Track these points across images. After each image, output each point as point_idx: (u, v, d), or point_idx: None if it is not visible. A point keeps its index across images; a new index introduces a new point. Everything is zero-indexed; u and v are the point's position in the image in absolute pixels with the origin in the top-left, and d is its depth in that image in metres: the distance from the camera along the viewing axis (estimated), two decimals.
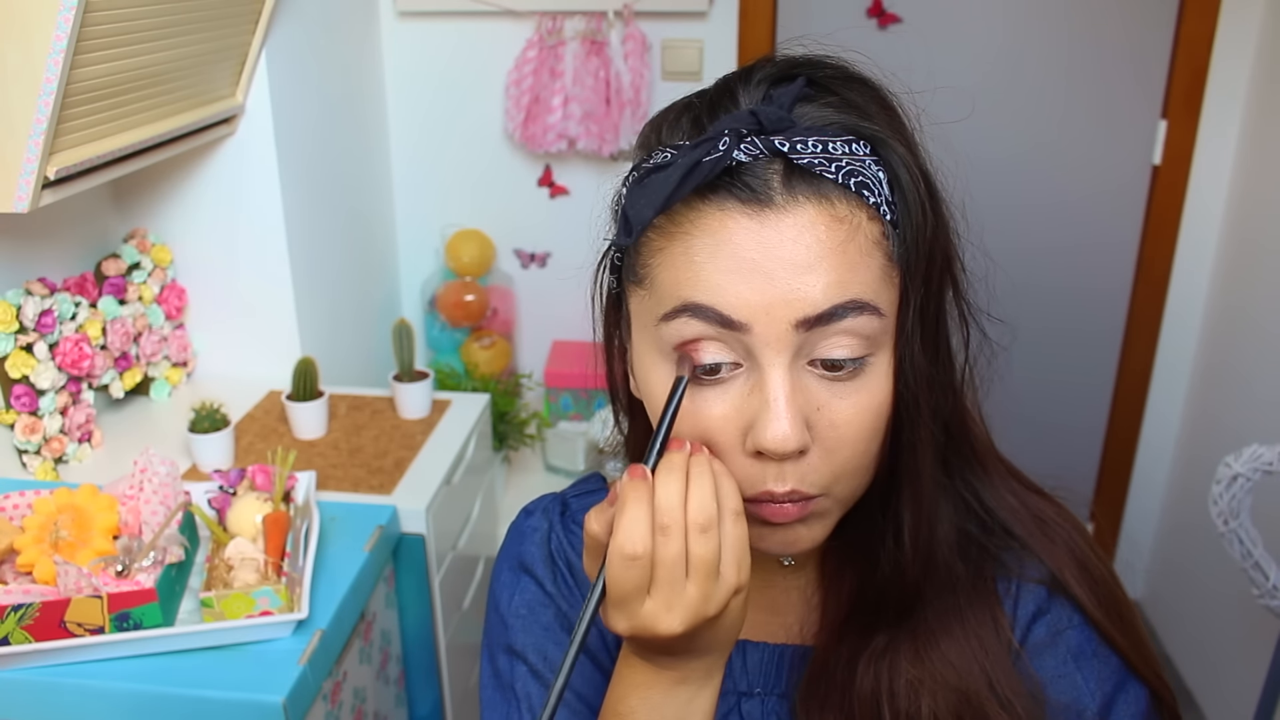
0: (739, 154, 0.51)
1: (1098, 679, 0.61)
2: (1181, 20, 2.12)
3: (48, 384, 1.52)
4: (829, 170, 0.51)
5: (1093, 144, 2.26)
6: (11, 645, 1.08)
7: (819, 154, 0.51)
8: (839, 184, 0.51)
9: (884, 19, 2.25)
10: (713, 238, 0.51)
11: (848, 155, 0.51)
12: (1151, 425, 2.42)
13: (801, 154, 0.50)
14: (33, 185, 1.24)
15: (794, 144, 0.51)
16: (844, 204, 0.51)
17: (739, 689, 0.65)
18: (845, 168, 0.51)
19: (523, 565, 0.71)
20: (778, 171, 0.51)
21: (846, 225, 0.51)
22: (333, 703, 1.25)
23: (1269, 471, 1.42)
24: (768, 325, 0.50)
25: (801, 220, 0.50)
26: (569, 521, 0.72)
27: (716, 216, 0.51)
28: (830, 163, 0.51)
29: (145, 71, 1.43)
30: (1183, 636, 2.30)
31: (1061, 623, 0.61)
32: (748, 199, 0.50)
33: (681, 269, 0.52)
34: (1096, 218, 2.31)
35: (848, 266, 0.50)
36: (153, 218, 1.85)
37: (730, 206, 0.51)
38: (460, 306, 2.36)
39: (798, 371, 0.51)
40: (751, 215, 0.50)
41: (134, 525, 1.23)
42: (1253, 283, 2.06)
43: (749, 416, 0.51)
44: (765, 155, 0.51)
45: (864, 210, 0.51)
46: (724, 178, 0.51)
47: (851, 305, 0.50)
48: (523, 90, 2.25)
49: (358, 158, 2.25)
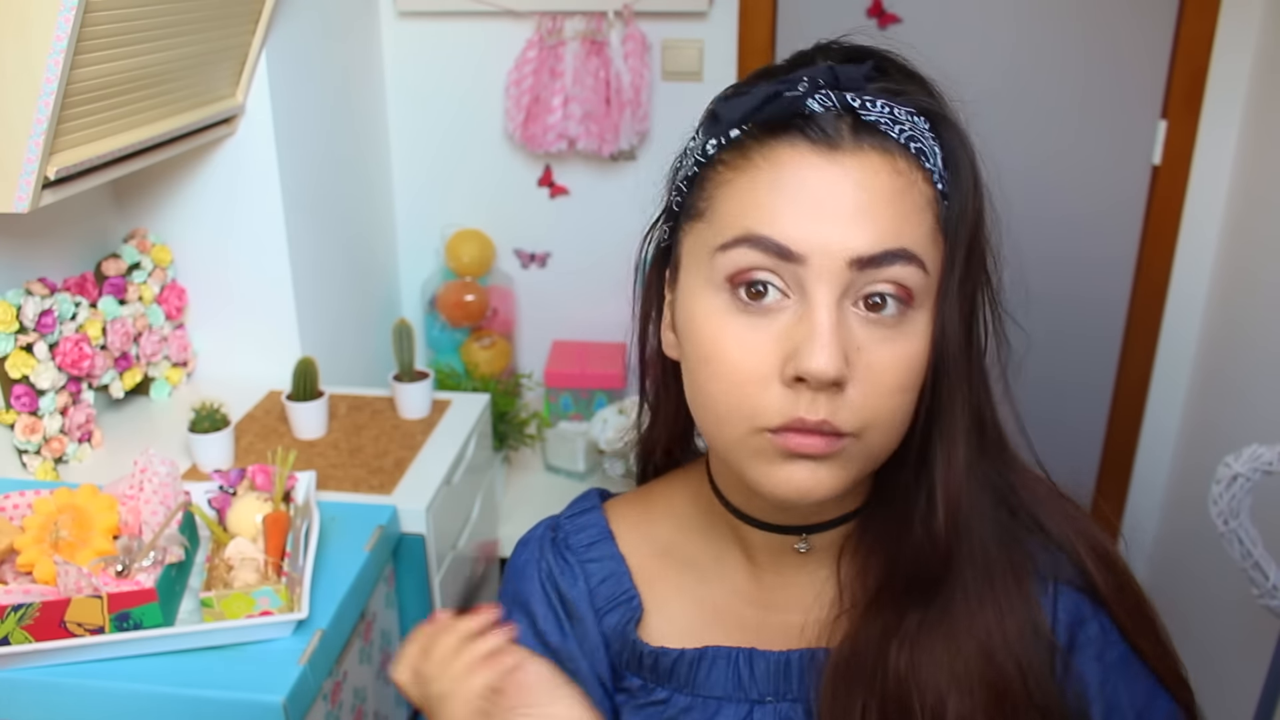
0: (813, 102, 0.54)
1: (1129, 694, 0.62)
2: (1181, 20, 2.12)
3: (48, 384, 1.52)
4: (892, 130, 0.54)
5: (1092, 144, 2.26)
6: (11, 645, 1.08)
7: (885, 115, 0.54)
8: (900, 144, 0.54)
9: (884, 19, 2.25)
10: (779, 172, 0.54)
11: (910, 124, 0.55)
12: (1151, 426, 2.42)
13: (870, 111, 0.54)
14: (33, 185, 1.24)
15: (864, 102, 0.54)
16: (904, 160, 0.54)
17: (750, 697, 0.65)
18: (908, 132, 0.55)
19: (518, 602, 0.72)
20: (847, 123, 0.54)
21: (905, 179, 0.54)
22: (333, 703, 1.25)
23: (1269, 471, 1.42)
24: (823, 259, 0.52)
25: (866, 165, 0.53)
26: (560, 547, 0.72)
27: (786, 153, 0.54)
28: (894, 124, 0.54)
29: (145, 71, 1.43)
30: (1183, 636, 2.30)
31: (1099, 633, 0.62)
32: (817, 139, 0.54)
33: (746, 200, 0.55)
34: (1096, 218, 2.31)
35: (903, 216, 0.53)
36: (153, 218, 1.85)
37: (800, 145, 0.54)
38: (460, 306, 2.36)
39: (844, 309, 0.53)
40: (819, 154, 0.53)
41: (134, 525, 1.23)
42: (1253, 283, 2.06)
43: (791, 346, 0.53)
44: (836, 108, 0.54)
45: (920, 172, 0.55)
46: (796, 119, 0.54)
47: (901, 253, 0.53)
48: (523, 90, 2.25)
49: (358, 158, 2.25)
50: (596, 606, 0.69)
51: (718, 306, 0.55)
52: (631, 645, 0.67)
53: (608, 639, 0.69)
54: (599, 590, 0.69)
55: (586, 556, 0.70)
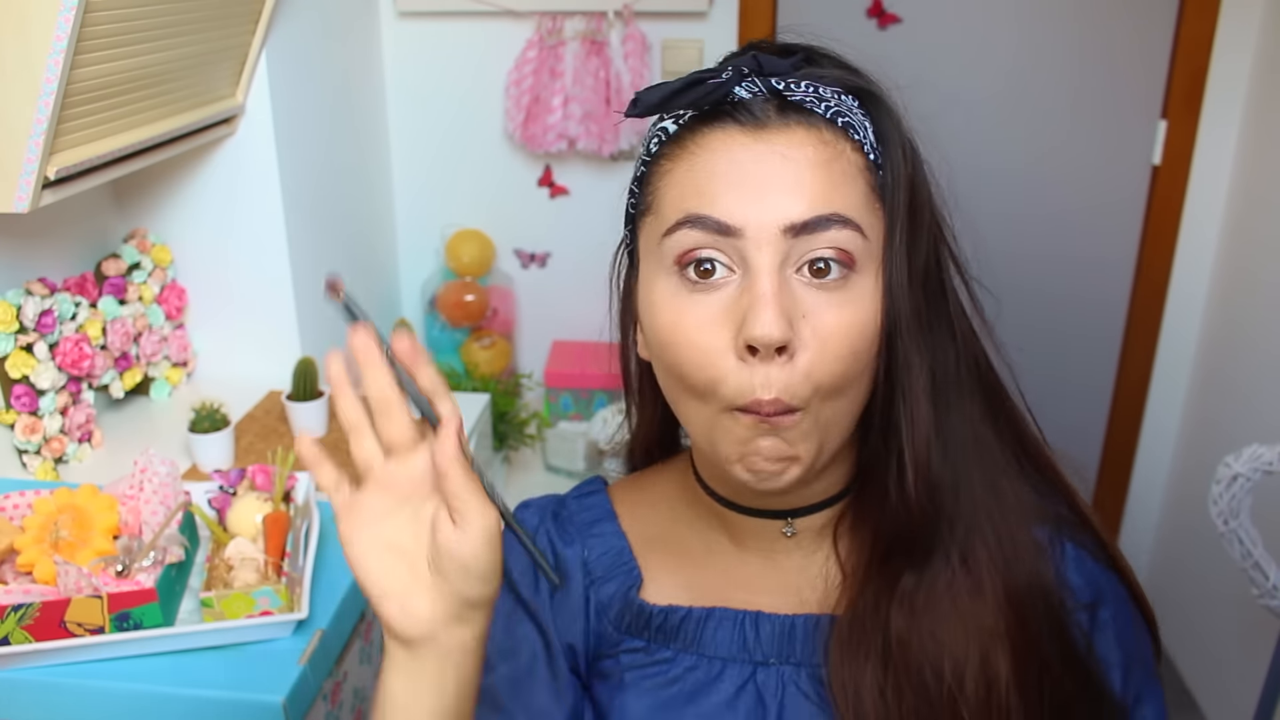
0: (741, 89, 0.58)
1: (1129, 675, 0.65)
2: (1181, 20, 2.12)
3: (48, 384, 1.52)
4: (818, 107, 0.58)
5: (1092, 144, 2.26)
6: (11, 645, 1.08)
7: (810, 94, 0.58)
8: (826, 119, 0.58)
9: (884, 19, 2.25)
10: (713, 155, 0.58)
11: (836, 100, 0.58)
12: (1151, 426, 2.42)
13: (794, 92, 0.58)
14: (33, 185, 1.24)
15: (788, 84, 0.58)
16: (830, 132, 0.58)
17: (754, 659, 0.66)
18: (834, 108, 0.58)
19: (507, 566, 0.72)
20: (773, 105, 0.58)
21: (831, 149, 0.57)
22: (333, 703, 1.25)
23: (1269, 471, 1.42)
24: (759, 229, 0.56)
25: (792, 139, 0.57)
26: (563, 521, 0.74)
27: (718, 137, 0.58)
28: (820, 102, 0.58)
29: (145, 71, 1.43)
30: (1183, 636, 2.30)
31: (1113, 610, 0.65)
32: (746, 121, 0.57)
33: (686, 186, 0.58)
34: (1096, 218, 2.31)
35: (832, 184, 0.57)
36: (153, 218, 1.85)
37: (730, 129, 0.58)
38: (460, 306, 2.36)
39: (786, 277, 0.56)
40: (748, 134, 0.57)
41: (134, 525, 1.23)
42: (1253, 283, 2.06)
43: (739, 317, 0.56)
44: (763, 93, 0.58)
45: (848, 142, 0.58)
46: (725, 107, 0.58)
47: (834, 218, 0.56)
48: (523, 90, 2.25)
49: (358, 158, 2.25)
50: (592, 575, 0.70)
51: (670, 289, 0.59)
52: (636, 607, 0.68)
53: (602, 606, 0.70)
54: (598, 561, 0.71)
55: (590, 532, 0.72)
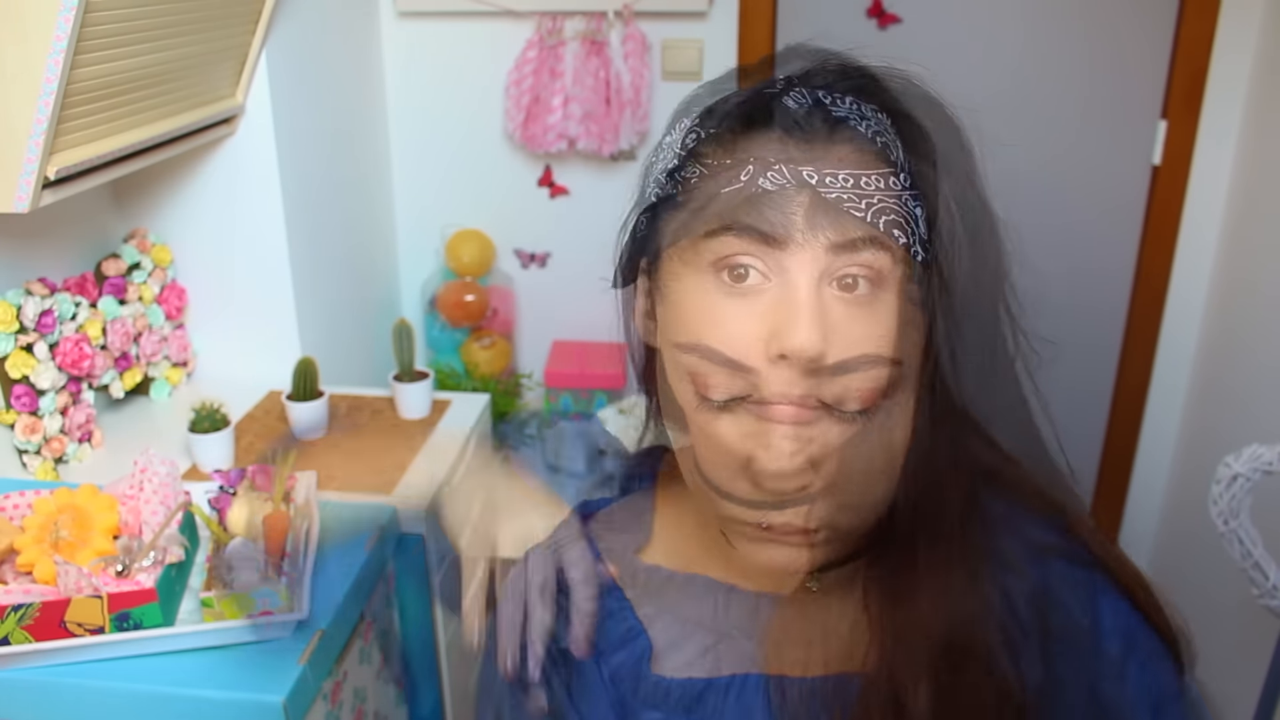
0: (789, 100, 0.58)
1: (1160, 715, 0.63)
2: (1181, 20, 2.12)
3: (48, 384, 1.52)
4: (860, 125, 0.58)
5: (1092, 144, 2.26)
6: (11, 645, 1.08)
7: (853, 111, 0.59)
8: (868, 137, 0.58)
9: (884, 19, 2.25)
10: (762, 161, 0.57)
11: (875, 119, 0.59)
12: (1151, 429, 2.41)
13: (839, 107, 0.58)
14: (33, 185, 1.24)
15: (834, 99, 0.59)
16: (871, 154, 0.58)
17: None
18: (874, 127, 0.58)
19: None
20: (819, 117, 0.58)
21: (873, 169, 0.58)
22: (333, 703, 1.25)
23: (1269, 471, 1.42)
24: (804, 243, 0.56)
25: (843, 154, 0.57)
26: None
27: (769, 148, 0.58)
28: (861, 120, 0.58)
29: (145, 71, 1.43)
30: None
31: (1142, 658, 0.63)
32: (793, 131, 0.58)
33: (730, 190, 0.58)
34: (1096, 218, 2.31)
35: (873, 205, 0.57)
36: (153, 218, 1.85)
37: (779, 138, 0.58)
38: (460, 306, 2.36)
39: (822, 290, 0.56)
40: (798, 145, 0.58)
41: (134, 525, 1.23)
42: (1252, 286, 2.06)
43: (774, 326, 0.56)
44: (809, 103, 0.59)
45: (886, 165, 0.58)
46: (774, 114, 0.59)
47: (874, 239, 0.56)
48: (523, 90, 2.25)
49: (358, 158, 2.25)
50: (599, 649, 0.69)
51: (704, 287, 0.59)
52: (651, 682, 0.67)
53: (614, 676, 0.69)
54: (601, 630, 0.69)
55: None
